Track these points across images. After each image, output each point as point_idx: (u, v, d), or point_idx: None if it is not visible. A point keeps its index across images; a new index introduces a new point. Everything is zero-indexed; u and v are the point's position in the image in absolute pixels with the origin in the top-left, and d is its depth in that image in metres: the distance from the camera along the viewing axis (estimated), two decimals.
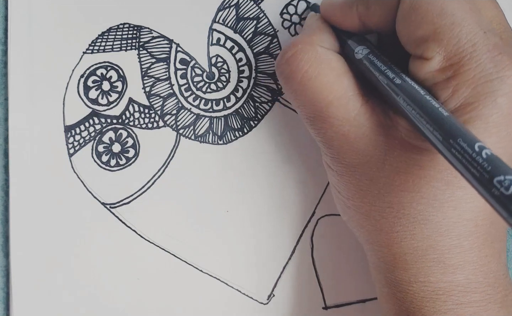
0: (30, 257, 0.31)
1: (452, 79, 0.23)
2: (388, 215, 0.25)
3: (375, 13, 0.26)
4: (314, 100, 0.26)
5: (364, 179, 0.25)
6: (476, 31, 0.23)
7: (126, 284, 0.32)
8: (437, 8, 0.23)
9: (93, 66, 0.31)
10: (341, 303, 0.33)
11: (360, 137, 0.25)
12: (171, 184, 0.32)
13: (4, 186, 0.32)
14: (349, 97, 0.25)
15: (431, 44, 0.23)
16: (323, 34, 0.27)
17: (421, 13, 0.23)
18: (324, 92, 0.25)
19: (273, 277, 0.33)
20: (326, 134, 0.26)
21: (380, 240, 0.26)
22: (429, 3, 0.23)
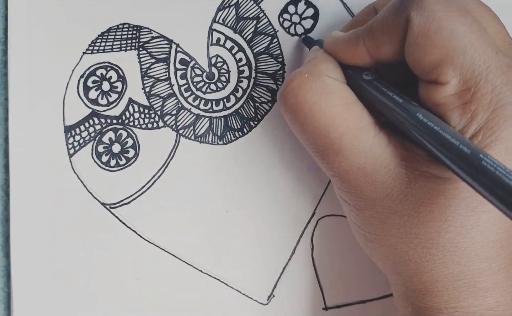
0: (30, 257, 0.31)
1: (470, 104, 0.22)
2: (416, 246, 0.24)
3: (382, 43, 0.25)
4: (324, 132, 0.25)
5: (386, 212, 0.25)
6: (488, 53, 0.22)
7: (126, 284, 0.32)
8: (447, 32, 0.22)
9: (93, 66, 0.31)
10: (342, 303, 0.33)
11: (378, 169, 0.24)
12: (171, 184, 0.32)
13: (4, 186, 0.32)
14: (362, 128, 0.24)
15: (445, 68, 0.22)
16: (329, 64, 0.26)
17: (431, 38, 0.23)
18: (335, 124, 0.24)
19: (273, 278, 0.33)
20: (340, 168, 0.25)
21: (409, 270, 0.25)
22: (438, 27, 0.23)
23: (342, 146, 0.25)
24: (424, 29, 0.23)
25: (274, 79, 0.32)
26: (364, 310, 0.33)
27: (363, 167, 0.24)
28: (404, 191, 0.24)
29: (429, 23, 0.23)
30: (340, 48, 0.27)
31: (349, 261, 0.33)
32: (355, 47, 0.26)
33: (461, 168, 0.21)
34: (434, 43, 0.23)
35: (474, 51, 0.22)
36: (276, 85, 0.32)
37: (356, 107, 0.25)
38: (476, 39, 0.22)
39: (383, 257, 0.26)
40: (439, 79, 0.23)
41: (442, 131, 0.22)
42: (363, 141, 0.24)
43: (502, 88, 0.22)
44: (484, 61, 0.22)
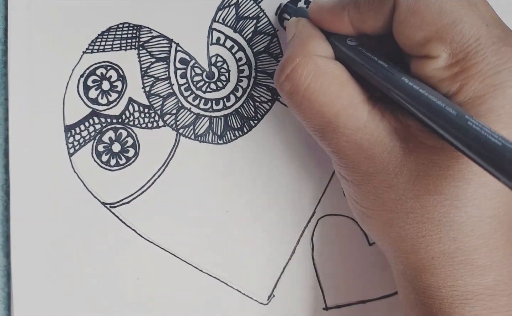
0: (30, 257, 0.31)
1: (460, 74, 0.23)
2: (412, 221, 0.24)
3: (368, 18, 0.25)
4: (320, 112, 0.25)
5: (382, 186, 0.25)
6: (479, 25, 0.23)
7: (126, 284, 0.32)
8: (436, 8, 0.23)
9: (93, 65, 0.31)
10: (342, 303, 0.33)
11: (374, 144, 0.25)
12: (171, 184, 0.32)
13: (4, 186, 0.32)
14: (356, 105, 0.25)
15: (436, 44, 0.23)
16: (317, 41, 0.27)
17: (420, 16, 0.23)
18: (330, 103, 0.25)
19: (273, 277, 0.33)
20: (338, 145, 0.25)
21: (406, 246, 0.25)
22: (427, 5, 0.23)
23: (338, 124, 0.25)
24: (413, 7, 0.23)
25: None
26: (365, 310, 0.33)
27: (359, 143, 0.25)
28: (399, 165, 0.24)
29: (417, 1, 0.23)
30: (324, 17, 0.27)
31: (349, 261, 0.33)
32: (339, 17, 0.26)
33: (447, 131, 0.21)
34: (424, 20, 0.23)
35: (464, 25, 0.22)
36: None
37: (349, 84, 0.25)
38: (465, 13, 0.23)
39: (380, 233, 0.26)
40: (429, 54, 0.23)
41: (427, 94, 0.22)
42: (358, 118, 0.25)
43: (492, 58, 0.22)
44: (474, 33, 0.22)
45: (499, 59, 0.22)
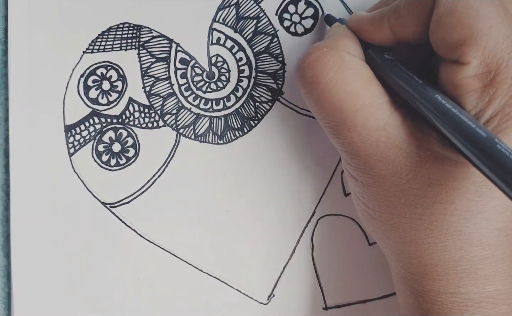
0: (30, 257, 0.31)
1: (489, 88, 0.22)
2: (419, 227, 0.24)
3: (408, 22, 0.25)
4: (339, 108, 0.25)
5: (393, 190, 0.25)
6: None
7: (126, 284, 0.32)
8: (473, 11, 0.22)
9: (93, 65, 0.31)
10: (342, 303, 0.33)
11: (390, 147, 0.24)
12: (171, 184, 0.32)
13: (4, 186, 0.32)
14: (378, 106, 0.24)
15: (468, 48, 0.22)
16: (349, 41, 0.26)
17: (457, 16, 0.23)
18: (351, 100, 0.24)
19: (273, 277, 0.33)
20: (352, 144, 0.25)
21: (410, 251, 0.25)
22: (465, 6, 0.23)
23: (356, 123, 0.24)
24: (451, 7, 0.23)
25: (274, 78, 0.32)
26: (365, 310, 0.33)
27: (375, 144, 0.24)
28: (413, 170, 0.24)
29: (456, 2, 0.23)
30: (364, 26, 0.27)
31: (349, 261, 0.33)
32: (379, 25, 0.26)
33: (475, 153, 0.21)
34: (460, 21, 0.22)
35: (499, 34, 0.22)
36: (276, 84, 0.32)
37: (373, 84, 0.25)
38: (502, 22, 0.22)
39: (384, 236, 0.26)
40: (460, 59, 0.23)
41: (459, 114, 0.22)
42: (378, 119, 0.24)
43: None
44: (508, 45, 0.22)
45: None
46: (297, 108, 0.32)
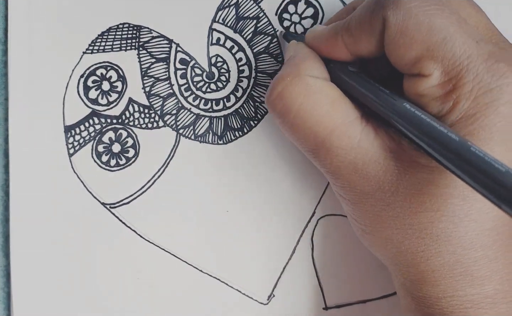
0: (30, 257, 0.31)
1: (452, 93, 0.23)
2: (411, 236, 0.24)
3: (361, 41, 0.25)
4: (313, 133, 0.25)
5: (380, 205, 0.25)
6: (469, 42, 0.23)
7: (126, 284, 0.32)
8: (425, 27, 0.23)
9: (93, 66, 0.31)
10: (342, 303, 0.33)
11: (368, 163, 0.25)
12: (171, 184, 0.32)
13: (4, 186, 0.32)
14: (349, 124, 0.25)
15: (427, 62, 0.23)
16: (310, 63, 0.27)
17: (409, 35, 0.23)
18: (323, 123, 0.25)
19: (273, 277, 0.33)
20: (332, 165, 0.25)
21: (406, 260, 0.25)
22: (416, 23, 0.23)
23: (332, 144, 0.25)
24: (402, 27, 0.23)
25: None
26: (365, 310, 0.33)
27: (353, 162, 0.25)
28: (395, 183, 0.24)
29: (406, 21, 0.23)
30: (320, 43, 0.27)
31: (349, 261, 0.33)
32: (334, 42, 0.26)
33: (450, 158, 0.21)
34: (414, 39, 0.23)
35: (454, 42, 0.22)
36: None
37: (341, 103, 0.25)
38: (455, 31, 0.23)
39: (380, 249, 0.26)
40: (421, 72, 0.23)
41: (430, 120, 0.22)
42: (351, 137, 0.25)
43: (483, 76, 0.22)
44: (465, 51, 0.22)
45: (490, 76, 0.22)
46: None
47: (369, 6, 0.24)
